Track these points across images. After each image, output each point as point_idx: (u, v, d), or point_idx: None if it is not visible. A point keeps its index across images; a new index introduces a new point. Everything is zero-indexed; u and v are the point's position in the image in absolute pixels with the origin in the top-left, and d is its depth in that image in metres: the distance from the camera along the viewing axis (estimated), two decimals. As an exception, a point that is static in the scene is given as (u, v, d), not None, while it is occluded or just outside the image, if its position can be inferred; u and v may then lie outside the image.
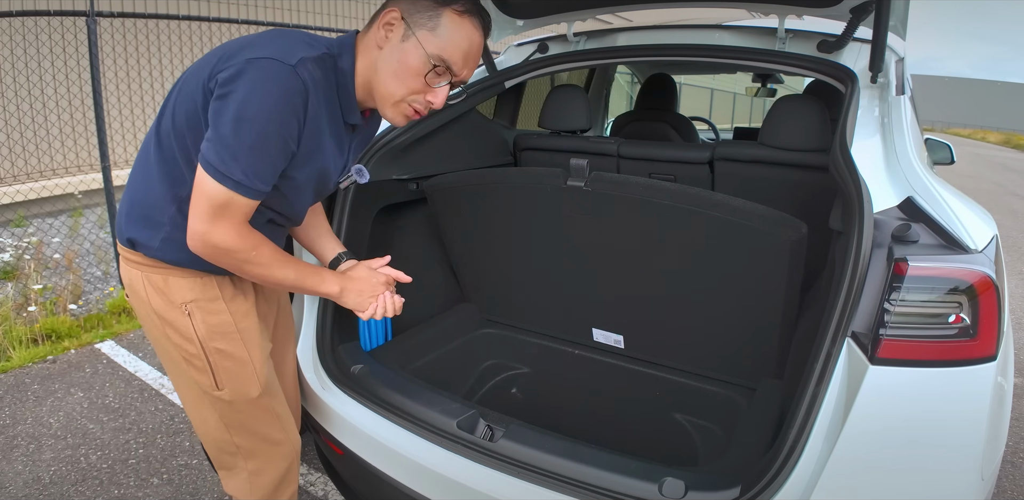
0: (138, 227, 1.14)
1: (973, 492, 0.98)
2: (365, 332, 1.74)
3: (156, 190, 1.11)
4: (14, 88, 5.02)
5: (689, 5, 2.01)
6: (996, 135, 31.95)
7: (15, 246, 4.32)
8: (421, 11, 1.07)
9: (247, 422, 1.29)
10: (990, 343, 0.96)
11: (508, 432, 1.25)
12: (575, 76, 3.51)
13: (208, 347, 1.20)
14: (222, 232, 1.03)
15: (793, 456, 1.01)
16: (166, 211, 1.11)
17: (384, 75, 1.09)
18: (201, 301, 1.18)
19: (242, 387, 1.25)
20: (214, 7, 6.35)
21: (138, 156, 1.17)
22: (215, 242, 1.04)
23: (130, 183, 1.17)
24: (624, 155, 2.03)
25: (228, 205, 1.01)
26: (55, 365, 2.80)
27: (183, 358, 1.22)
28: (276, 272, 1.13)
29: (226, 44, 1.08)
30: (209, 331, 1.19)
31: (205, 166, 0.99)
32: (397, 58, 1.08)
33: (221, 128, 0.97)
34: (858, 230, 1.03)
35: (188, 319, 1.18)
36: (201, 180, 1.00)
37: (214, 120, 0.98)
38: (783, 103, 1.77)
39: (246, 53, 0.99)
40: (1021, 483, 2.18)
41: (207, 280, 1.19)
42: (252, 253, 1.08)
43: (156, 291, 1.18)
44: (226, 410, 1.27)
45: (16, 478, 2.00)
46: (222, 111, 0.97)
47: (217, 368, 1.22)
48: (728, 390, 1.66)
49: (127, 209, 1.16)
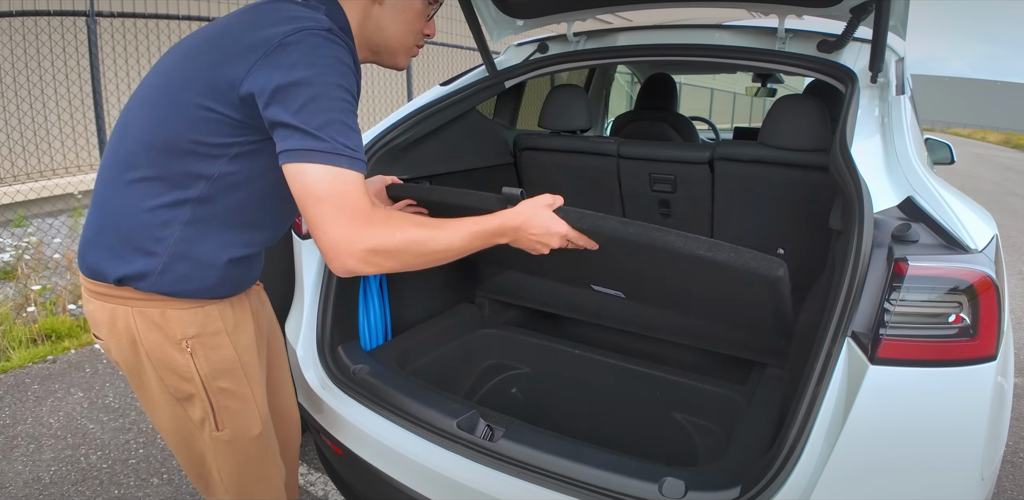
0: (123, 260, 0.99)
1: (973, 492, 0.98)
2: (365, 332, 1.74)
3: (142, 215, 0.97)
4: (14, 88, 5.02)
5: (689, 5, 2.01)
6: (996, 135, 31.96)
7: (15, 246, 4.31)
8: None
9: (242, 461, 1.17)
10: (990, 343, 0.96)
11: (508, 432, 1.25)
12: (575, 76, 3.51)
13: (211, 387, 1.07)
14: (361, 228, 0.89)
15: (793, 456, 1.00)
16: (162, 238, 0.98)
17: (394, 29, 1.07)
18: (203, 336, 1.05)
19: (243, 426, 1.13)
20: (214, 7, 6.35)
21: (101, 180, 1.02)
22: (364, 244, 0.90)
23: (100, 210, 1.02)
24: (624, 155, 2.03)
25: (345, 189, 0.88)
26: (55, 365, 2.80)
27: (176, 399, 1.08)
28: (437, 242, 0.97)
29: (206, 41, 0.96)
30: (212, 369, 1.07)
31: (303, 157, 0.87)
32: (401, 8, 1.06)
33: (300, 113, 0.87)
34: (858, 230, 1.03)
35: (189, 357, 1.05)
36: (304, 182, 0.88)
37: (286, 108, 0.87)
38: (783, 103, 1.77)
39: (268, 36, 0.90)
40: (1021, 483, 2.18)
41: (208, 310, 1.06)
42: (399, 235, 0.93)
43: (152, 328, 1.02)
44: (223, 451, 1.14)
45: (16, 478, 2.00)
46: (293, 96, 0.87)
47: (219, 408, 1.09)
48: (728, 390, 1.66)
49: (103, 240, 1.01)
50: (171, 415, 1.10)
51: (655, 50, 1.92)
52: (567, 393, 1.88)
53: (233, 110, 0.92)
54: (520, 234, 1.09)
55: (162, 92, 0.97)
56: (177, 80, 0.96)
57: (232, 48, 0.92)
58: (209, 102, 0.92)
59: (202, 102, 0.92)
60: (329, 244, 0.90)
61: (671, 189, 2.00)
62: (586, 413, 1.83)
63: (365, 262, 0.91)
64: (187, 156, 0.95)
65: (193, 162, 0.95)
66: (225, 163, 0.96)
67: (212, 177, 0.97)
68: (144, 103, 1.00)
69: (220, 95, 0.91)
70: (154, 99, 0.98)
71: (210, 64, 0.93)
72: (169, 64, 1.00)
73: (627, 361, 1.82)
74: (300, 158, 0.87)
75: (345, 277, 0.97)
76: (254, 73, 0.89)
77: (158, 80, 1.00)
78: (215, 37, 0.97)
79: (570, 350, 1.90)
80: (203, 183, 0.97)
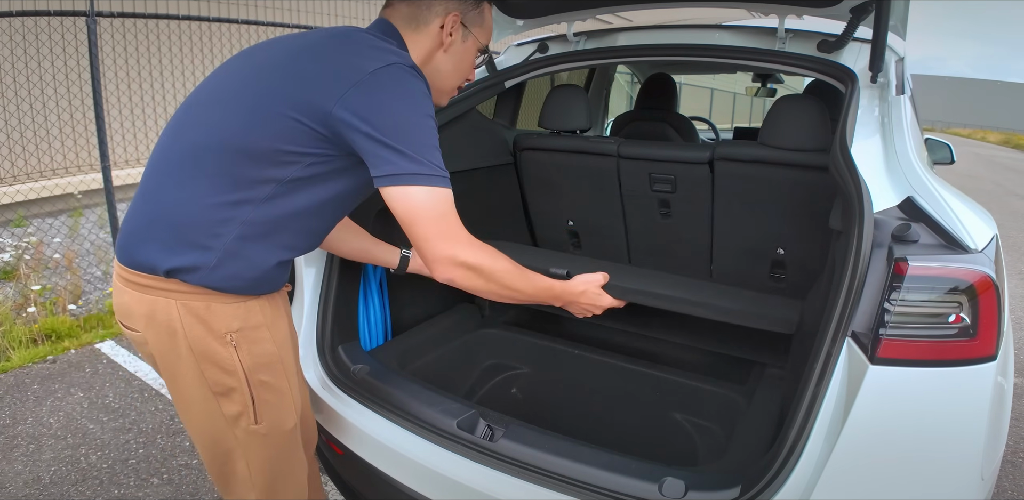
0: (175, 253, 1.02)
1: (973, 492, 0.98)
2: (365, 332, 1.73)
3: (202, 211, 1.01)
4: (14, 88, 5.02)
5: (689, 5, 2.01)
6: (996, 135, 31.95)
7: (15, 246, 4.31)
8: (471, 9, 1.17)
9: (274, 456, 1.20)
10: (990, 343, 0.96)
11: (508, 432, 1.25)
12: (575, 76, 3.51)
13: (253, 380, 1.11)
14: (462, 244, 1.03)
15: (793, 456, 1.00)
16: (220, 234, 1.01)
17: (448, 72, 1.19)
18: (246, 330, 1.09)
19: (280, 419, 1.17)
20: (214, 7, 6.35)
21: (156, 173, 1.06)
22: (462, 259, 1.03)
23: (152, 202, 1.05)
24: (624, 155, 2.03)
25: (445, 209, 1.01)
26: (55, 365, 2.80)
27: (216, 393, 1.11)
28: (518, 282, 1.14)
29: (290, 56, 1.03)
30: (254, 363, 1.11)
31: (408, 180, 0.97)
32: (460, 57, 1.19)
33: (401, 140, 0.97)
34: (858, 230, 1.03)
35: (233, 350, 1.08)
36: (411, 203, 0.98)
37: (386, 135, 0.96)
38: (783, 103, 1.77)
39: (361, 64, 0.98)
40: (1021, 483, 2.18)
41: (251, 305, 1.10)
42: (492, 265, 1.08)
43: (196, 321, 1.05)
44: (257, 444, 1.17)
45: (16, 478, 2.00)
46: (392, 125, 0.97)
47: (259, 401, 1.13)
48: (728, 390, 1.66)
49: (153, 232, 1.04)
50: (204, 409, 1.13)
51: (655, 50, 1.92)
52: (567, 393, 1.88)
53: (319, 124, 0.98)
54: (574, 304, 1.36)
55: (241, 97, 1.02)
56: (260, 88, 1.01)
57: (322, 68, 0.99)
58: (298, 115, 0.98)
59: (291, 114, 0.98)
60: (436, 257, 1.03)
61: (671, 189, 2.00)
62: (586, 413, 1.83)
63: (463, 275, 1.06)
64: (262, 160, 1.00)
65: (266, 167, 1.00)
66: (297, 170, 1.02)
67: (281, 181, 1.01)
68: (217, 104, 1.04)
69: (310, 110, 0.97)
70: (231, 102, 1.02)
71: (299, 79, 0.99)
72: (247, 71, 1.06)
73: (627, 361, 1.82)
74: (405, 181, 0.97)
75: (444, 282, 1.08)
76: (348, 98, 0.96)
77: (233, 84, 1.05)
78: (300, 53, 1.03)
79: (570, 350, 1.90)
80: (270, 187, 1.01)
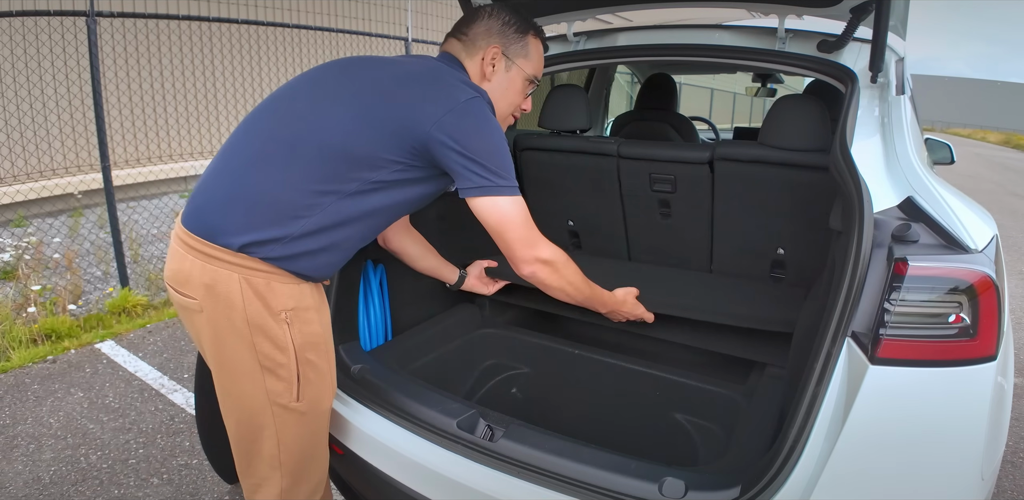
0: (254, 229, 1.11)
1: (973, 492, 0.98)
2: (365, 332, 1.74)
3: (291, 193, 1.11)
4: (14, 88, 5.02)
5: (689, 5, 2.01)
6: (996, 135, 31.91)
7: (15, 246, 4.32)
8: (514, 42, 1.31)
9: (306, 435, 1.27)
10: (990, 343, 0.96)
11: (508, 432, 1.25)
12: (575, 76, 3.51)
13: (301, 357, 1.19)
14: (544, 244, 1.22)
15: (793, 456, 1.00)
16: (301, 217, 1.12)
17: (497, 102, 1.30)
18: (299, 310, 1.18)
19: (319, 398, 1.26)
20: (214, 7, 6.35)
21: (242, 154, 1.17)
22: (545, 257, 1.22)
23: (236, 179, 1.14)
24: (624, 155, 2.03)
25: (527, 215, 1.20)
26: (55, 365, 2.80)
27: (264, 368, 1.18)
28: (582, 283, 1.35)
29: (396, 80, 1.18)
30: (304, 341, 1.19)
31: (497, 191, 1.15)
32: (505, 86, 1.32)
33: (485, 158, 1.14)
34: (858, 230, 1.03)
35: (287, 328, 1.17)
36: (501, 210, 1.16)
37: (478, 155, 1.13)
38: (783, 103, 1.77)
39: (455, 94, 1.15)
40: (1021, 483, 2.18)
41: (303, 287, 1.19)
42: (564, 261, 1.27)
43: (256, 296, 1.13)
44: (292, 422, 1.23)
45: (16, 478, 2.00)
46: (481, 148, 1.13)
47: (303, 379, 1.21)
48: (728, 390, 1.66)
49: (234, 207, 1.12)
50: (248, 382, 1.19)
51: (655, 50, 1.92)
52: (567, 393, 1.88)
53: (415, 140, 1.13)
54: (615, 312, 1.60)
55: (349, 107, 1.15)
56: (369, 102, 1.15)
57: (424, 94, 1.15)
58: (400, 129, 1.13)
59: (394, 128, 1.13)
60: (524, 255, 1.21)
61: (671, 189, 1.99)
62: (586, 413, 1.83)
63: (544, 270, 1.24)
64: (361, 162, 1.13)
65: (361, 168, 1.13)
66: (384, 174, 1.15)
67: (367, 181, 1.14)
68: (319, 108, 1.17)
69: (411, 127, 1.13)
70: (336, 109, 1.15)
71: (405, 101, 1.14)
72: (355, 85, 1.18)
73: (627, 361, 1.82)
74: (494, 192, 1.15)
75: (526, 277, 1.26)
76: (443, 122, 1.12)
77: (338, 93, 1.17)
78: (405, 79, 1.18)
79: (570, 350, 1.90)
80: (356, 184, 1.14)
